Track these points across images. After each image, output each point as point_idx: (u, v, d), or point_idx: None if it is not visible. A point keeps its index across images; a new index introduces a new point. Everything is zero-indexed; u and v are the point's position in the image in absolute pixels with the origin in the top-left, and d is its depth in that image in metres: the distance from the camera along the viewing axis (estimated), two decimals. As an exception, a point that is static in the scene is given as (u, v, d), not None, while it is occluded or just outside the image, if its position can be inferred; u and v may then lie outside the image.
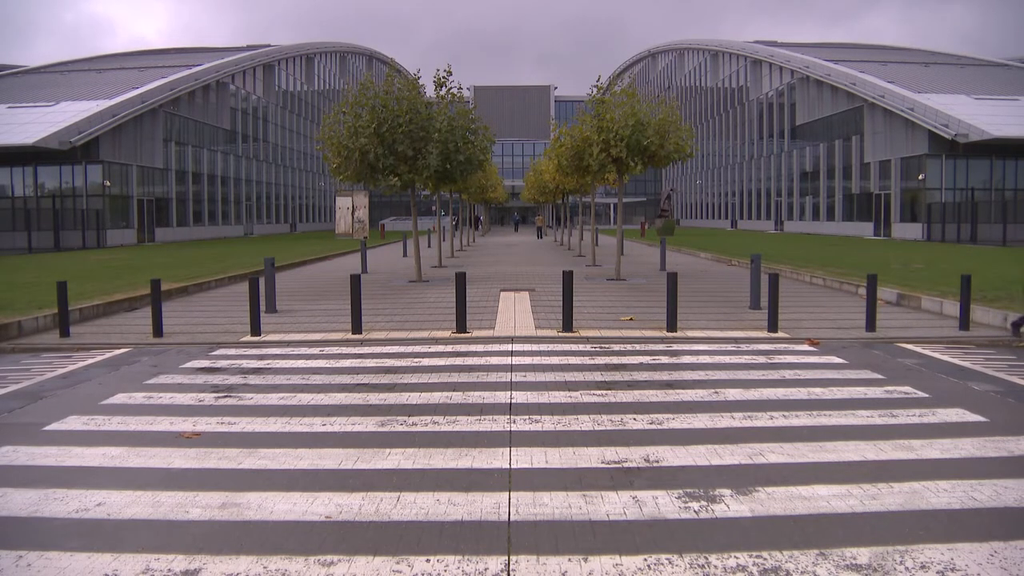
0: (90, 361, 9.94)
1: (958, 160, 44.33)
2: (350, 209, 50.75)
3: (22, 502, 5.01)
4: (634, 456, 5.79)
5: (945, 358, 9.66)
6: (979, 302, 12.86)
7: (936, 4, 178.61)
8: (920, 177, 45.11)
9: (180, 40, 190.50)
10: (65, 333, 11.69)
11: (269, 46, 74.52)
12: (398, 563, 4.05)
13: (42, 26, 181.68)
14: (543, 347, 10.39)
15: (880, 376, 8.53)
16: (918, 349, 10.27)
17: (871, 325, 11.49)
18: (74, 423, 6.92)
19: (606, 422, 6.70)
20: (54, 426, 6.82)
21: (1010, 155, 43.93)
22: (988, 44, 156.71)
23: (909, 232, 45.50)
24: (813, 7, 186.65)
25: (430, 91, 18.63)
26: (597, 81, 19.14)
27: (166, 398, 7.80)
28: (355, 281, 11.66)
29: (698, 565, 3.98)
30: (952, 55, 66.25)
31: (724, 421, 6.71)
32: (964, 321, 11.73)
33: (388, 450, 5.99)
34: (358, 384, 8.33)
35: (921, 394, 7.70)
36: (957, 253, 27.96)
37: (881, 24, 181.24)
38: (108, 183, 44.27)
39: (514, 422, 6.73)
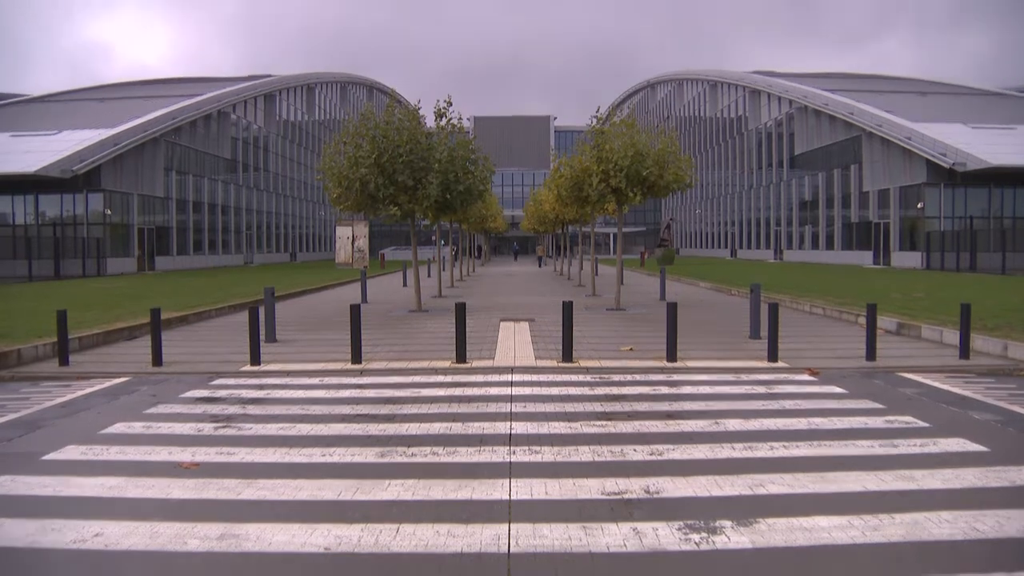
0: (89, 390, 9.93)
1: (956, 189, 44.52)
2: (350, 239, 50.89)
3: (20, 532, 4.98)
4: (634, 487, 5.77)
5: (946, 387, 9.64)
6: (979, 331, 12.86)
7: (949, 30, 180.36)
8: (919, 206, 45.28)
9: (181, 66, 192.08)
10: (64, 362, 11.68)
11: (270, 76, 75.05)
12: (397, 595, 4.02)
13: (43, 53, 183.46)
14: (543, 377, 10.37)
15: (881, 406, 8.52)
16: (918, 378, 10.26)
17: (871, 354, 11.48)
18: (72, 452, 6.90)
19: (606, 453, 6.68)
20: (52, 455, 6.80)
21: (1008, 183, 44.14)
22: (1002, 70, 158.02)
23: (908, 261, 45.58)
24: (823, 34, 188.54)
25: (430, 121, 18.74)
26: (596, 112, 19.27)
27: (165, 428, 7.78)
28: (355, 311, 11.67)
29: (699, 597, 3.96)
30: (949, 84, 66.76)
31: (724, 452, 6.69)
32: (964, 350, 11.72)
33: (388, 481, 5.97)
34: (358, 414, 8.31)
35: (922, 424, 7.68)
36: (956, 281, 27.98)
37: (892, 49, 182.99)
38: (109, 211, 44.42)
39: (514, 453, 6.71)
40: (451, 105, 18.49)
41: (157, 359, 11.55)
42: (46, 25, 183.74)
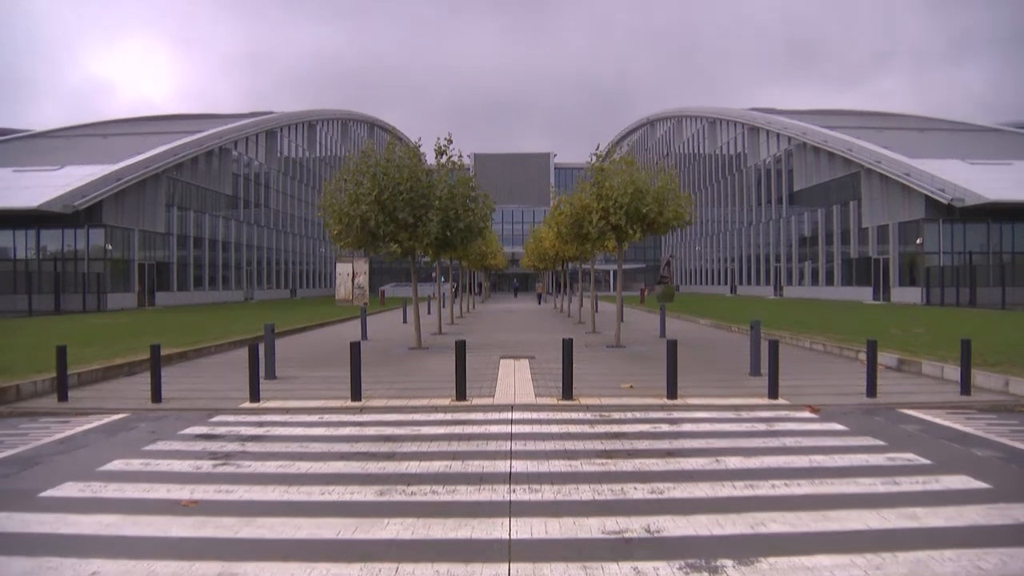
0: (88, 426, 9.89)
1: (955, 224, 44.71)
2: (350, 275, 50.96)
3: (16, 570, 4.94)
4: (635, 526, 5.73)
5: (947, 424, 9.61)
6: (980, 367, 12.85)
7: (948, 66, 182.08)
8: (918, 241, 45.42)
9: (184, 102, 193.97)
10: (63, 397, 11.65)
11: (272, 113, 75.66)
12: (396, 636, 3.98)
13: (48, 88, 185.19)
14: (543, 415, 10.34)
15: (882, 443, 8.49)
16: (920, 415, 10.23)
17: (872, 391, 11.46)
18: (70, 490, 6.86)
19: (606, 491, 6.65)
20: (50, 492, 6.77)
21: (1006, 219, 44.34)
22: (1001, 106, 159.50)
23: (908, 296, 45.62)
24: (823, 72, 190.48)
25: (431, 159, 18.85)
26: (596, 149, 19.40)
27: (163, 465, 7.75)
28: (355, 349, 11.67)
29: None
30: (946, 121, 67.33)
31: (725, 490, 6.66)
32: (965, 386, 11.70)
33: (387, 520, 5.94)
34: (357, 452, 8.28)
35: (924, 461, 7.65)
36: (957, 317, 27.99)
37: (891, 87, 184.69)
38: (110, 247, 44.55)
39: (514, 491, 6.67)
40: (451, 143, 18.61)
41: (156, 395, 11.53)
42: (52, 61, 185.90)
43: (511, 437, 8.91)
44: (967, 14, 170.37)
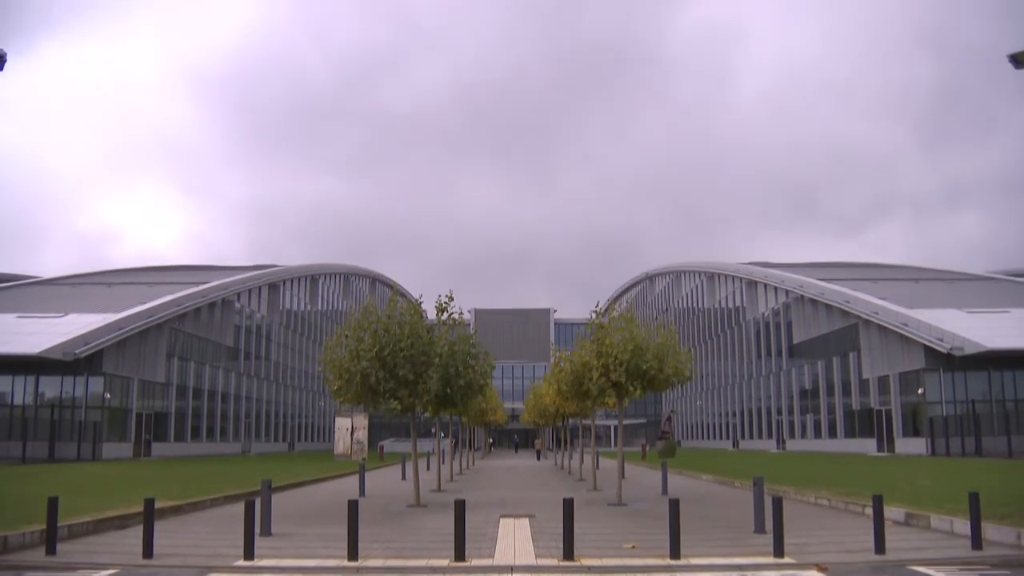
0: (77, 587, 9.65)
1: (956, 373, 44.79)
2: (349, 430, 50.61)
3: None
4: None
5: (958, 585, 9.38)
6: (989, 519, 12.60)
7: (945, 214, 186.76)
8: (920, 392, 45.37)
9: (188, 249, 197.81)
10: (51, 550, 11.39)
11: (276, 266, 77.16)
12: None
13: (57, 235, 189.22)
14: None
15: (892, 605, 8.27)
16: (930, 572, 9.98)
17: (880, 547, 11.22)
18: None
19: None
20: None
21: (1007, 367, 44.46)
22: (999, 254, 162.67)
23: (913, 447, 45.11)
24: (822, 224, 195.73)
25: (431, 313, 19.13)
26: (596, 306, 19.74)
27: (153, 628, 7.53)
28: (352, 507, 11.52)
29: None
30: (942, 271, 68.63)
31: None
32: (976, 540, 11.46)
33: None
34: (353, 613, 8.06)
35: (935, 624, 7.44)
36: (963, 468, 27.58)
37: (889, 235, 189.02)
38: (109, 395, 44.51)
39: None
40: (452, 300, 18.97)
41: (148, 551, 11.28)
42: (63, 208, 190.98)
43: (511, 598, 8.69)
44: (963, 163, 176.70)
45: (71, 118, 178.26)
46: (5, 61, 14.20)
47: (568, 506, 11.55)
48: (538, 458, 55.77)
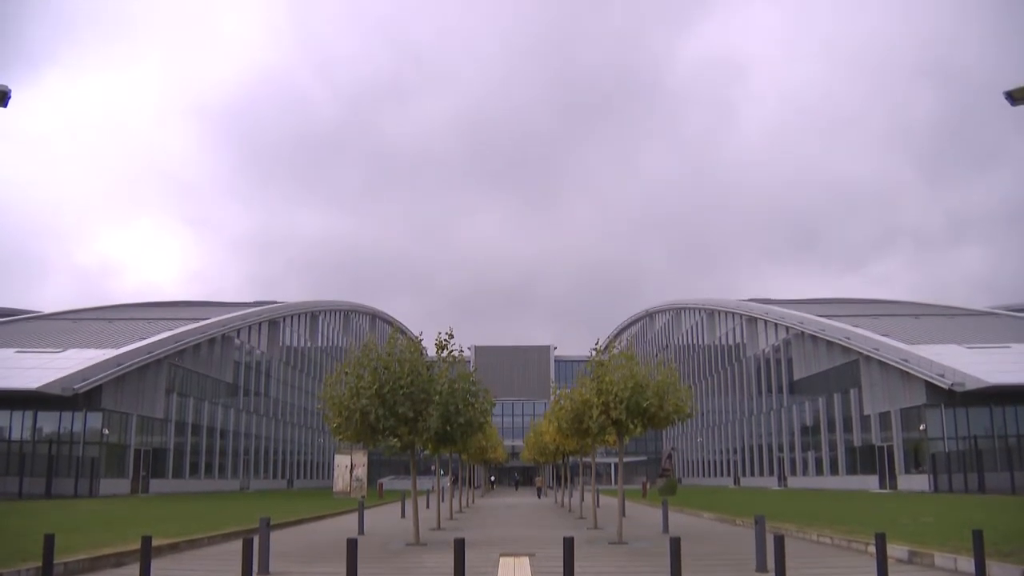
0: (74, 628, 9.58)
1: (957, 409, 44.60)
2: (348, 467, 50.39)
3: None
4: None
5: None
6: (993, 557, 12.52)
7: (946, 249, 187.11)
8: (921, 427, 45.17)
9: (189, 284, 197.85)
10: (47, 591, 11.32)
11: (276, 303, 77.24)
12: None
13: (58, 268, 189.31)
14: (544, 614, 10.05)
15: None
16: (932, 615, 9.93)
17: (882, 588, 11.15)
18: None
19: None
20: None
21: (1008, 402, 44.30)
22: (1000, 288, 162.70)
23: (915, 484, 44.84)
24: (825, 258, 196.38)
25: (431, 350, 19.15)
26: (596, 344, 19.76)
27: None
28: (351, 545, 11.47)
29: None
30: (942, 306, 68.64)
31: None
32: (980, 580, 11.38)
33: None
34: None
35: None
36: (966, 504, 27.41)
37: (892, 270, 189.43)
38: (107, 431, 44.33)
39: None
40: (452, 337, 18.98)
41: (145, 593, 11.20)
42: (63, 242, 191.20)
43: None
44: (965, 197, 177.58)
45: (73, 151, 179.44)
46: (9, 97, 14.37)
47: (568, 545, 11.49)
48: (539, 496, 55.45)
